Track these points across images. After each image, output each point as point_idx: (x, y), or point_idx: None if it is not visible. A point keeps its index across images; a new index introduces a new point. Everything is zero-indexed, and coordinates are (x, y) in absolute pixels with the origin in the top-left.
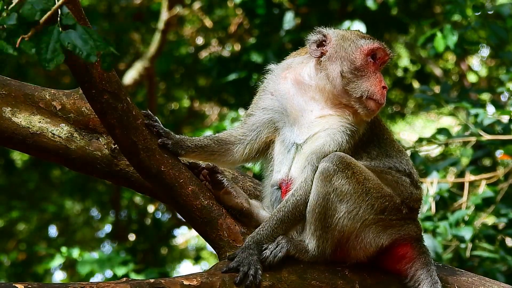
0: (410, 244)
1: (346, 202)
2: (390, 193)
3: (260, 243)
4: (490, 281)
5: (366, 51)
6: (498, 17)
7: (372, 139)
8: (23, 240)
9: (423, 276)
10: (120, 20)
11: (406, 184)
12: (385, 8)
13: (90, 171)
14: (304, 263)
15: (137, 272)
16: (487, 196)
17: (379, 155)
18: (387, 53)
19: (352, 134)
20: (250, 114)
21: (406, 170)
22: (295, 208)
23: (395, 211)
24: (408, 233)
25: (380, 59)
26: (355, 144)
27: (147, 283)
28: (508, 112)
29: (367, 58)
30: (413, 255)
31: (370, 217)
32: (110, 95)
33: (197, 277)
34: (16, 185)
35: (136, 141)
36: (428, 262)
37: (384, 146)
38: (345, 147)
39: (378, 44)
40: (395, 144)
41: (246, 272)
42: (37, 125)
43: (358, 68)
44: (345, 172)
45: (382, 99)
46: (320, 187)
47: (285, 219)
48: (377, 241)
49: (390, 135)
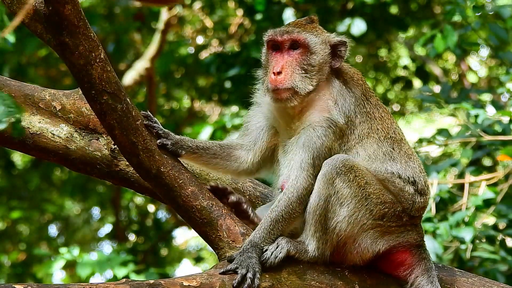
0: (409, 251)
1: (346, 206)
2: (391, 199)
3: (258, 245)
4: (490, 282)
5: (266, 45)
6: (498, 18)
7: (371, 135)
8: (23, 241)
9: (424, 283)
10: (121, 20)
11: (409, 193)
12: (384, 5)
13: (90, 171)
14: (304, 264)
15: (137, 273)
16: (488, 197)
17: (379, 156)
18: (280, 35)
19: (331, 126)
20: (247, 122)
21: (411, 178)
22: (288, 206)
23: (395, 218)
24: (407, 240)
25: (282, 43)
26: (344, 135)
27: (146, 284)
28: (508, 113)
29: (268, 50)
30: (412, 262)
31: (369, 222)
32: (109, 95)
33: (197, 277)
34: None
35: (135, 142)
36: (429, 268)
37: (386, 146)
38: (327, 139)
39: (271, 32)
40: (402, 147)
41: (244, 275)
42: (37, 126)
43: (264, 64)
44: (347, 175)
45: (272, 86)
46: (322, 189)
47: (279, 219)
48: (373, 247)
49: (397, 134)
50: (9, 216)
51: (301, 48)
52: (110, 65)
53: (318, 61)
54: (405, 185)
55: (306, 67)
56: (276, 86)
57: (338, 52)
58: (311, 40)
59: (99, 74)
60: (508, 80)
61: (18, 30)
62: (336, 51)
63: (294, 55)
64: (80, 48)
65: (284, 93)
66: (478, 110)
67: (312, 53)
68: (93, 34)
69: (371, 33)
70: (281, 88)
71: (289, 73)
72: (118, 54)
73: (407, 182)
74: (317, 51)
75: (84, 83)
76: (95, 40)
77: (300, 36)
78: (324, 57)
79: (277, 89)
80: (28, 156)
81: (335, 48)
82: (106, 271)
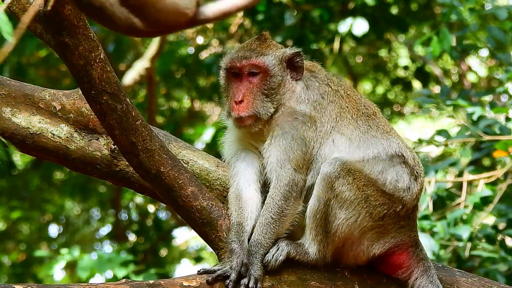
0: (407, 253)
1: (345, 209)
2: (389, 198)
3: (256, 253)
4: (490, 282)
5: (225, 72)
6: (496, 19)
7: (343, 115)
8: (23, 241)
9: (424, 283)
10: None
11: (405, 179)
12: (385, 5)
13: (90, 171)
14: (304, 264)
15: (137, 273)
16: (485, 195)
17: (361, 138)
18: (238, 61)
19: (298, 117)
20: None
21: (398, 152)
22: (274, 207)
23: (393, 215)
24: (402, 239)
25: (241, 70)
26: (315, 121)
27: (146, 284)
28: (504, 109)
29: (227, 76)
30: (410, 264)
31: (369, 225)
32: (109, 96)
33: (197, 278)
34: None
35: (135, 142)
36: (428, 268)
37: (362, 124)
38: (296, 131)
39: (229, 59)
40: (378, 123)
41: (247, 284)
42: (37, 126)
43: (224, 89)
44: (346, 178)
45: (235, 114)
46: (321, 193)
47: (269, 221)
48: (369, 251)
49: (368, 108)
50: (9, 217)
51: (261, 73)
52: (110, 65)
53: (277, 82)
54: (399, 166)
55: (267, 92)
56: (239, 114)
57: (295, 64)
58: (269, 63)
59: (99, 74)
60: (506, 79)
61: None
62: (294, 63)
63: (254, 81)
64: (80, 48)
65: (247, 121)
66: (475, 108)
67: (271, 76)
68: (93, 34)
69: (371, 33)
70: (244, 116)
71: (251, 101)
72: (118, 54)
73: (399, 158)
74: (276, 73)
75: (84, 83)
76: (95, 40)
77: (258, 61)
78: (282, 75)
79: (240, 117)
80: (28, 156)
81: (291, 61)
82: (106, 271)
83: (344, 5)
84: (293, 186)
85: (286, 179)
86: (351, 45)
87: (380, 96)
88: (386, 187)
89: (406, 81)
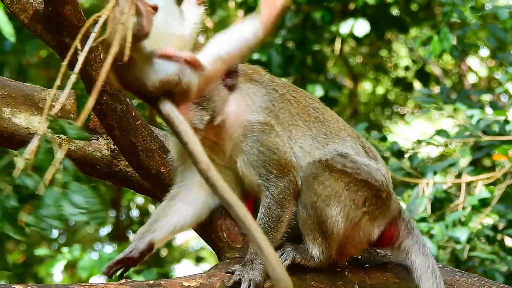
0: (396, 225)
1: (333, 205)
2: (365, 179)
3: (257, 260)
4: (490, 282)
5: None
6: (497, 18)
7: (294, 123)
8: (23, 241)
9: (410, 243)
10: None
11: (371, 166)
12: (385, 6)
13: (90, 171)
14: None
15: (137, 273)
16: (483, 197)
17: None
18: None
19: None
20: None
21: (354, 146)
22: (272, 216)
23: (375, 199)
24: (391, 215)
25: None
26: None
27: (146, 284)
28: (503, 112)
29: None
30: (399, 233)
31: (357, 213)
32: (109, 96)
33: (197, 278)
34: None
35: (135, 142)
36: (411, 229)
37: (317, 131)
38: (260, 144)
39: None
40: (329, 126)
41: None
42: (37, 126)
43: None
44: (323, 175)
45: None
46: (305, 199)
47: (267, 230)
48: (367, 237)
49: (317, 111)
50: None
51: None
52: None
53: (208, 89)
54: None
55: (197, 100)
56: None
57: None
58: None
59: (99, 74)
60: (506, 80)
61: (19, 31)
62: None
63: None
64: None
65: None
66: (473, 111)
67: None
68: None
69: (372, 34)
70: None
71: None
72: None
73: (357, 154)
74: None
75: (83, 83)
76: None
77: None
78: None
79: None
80: None
81: None
82: None
83: (345, 6)
84: (285, 191)
85: (277, 188)
86: (352, 45)
87: (380, 97)
88: (359, 175)
89: (406, 82)
